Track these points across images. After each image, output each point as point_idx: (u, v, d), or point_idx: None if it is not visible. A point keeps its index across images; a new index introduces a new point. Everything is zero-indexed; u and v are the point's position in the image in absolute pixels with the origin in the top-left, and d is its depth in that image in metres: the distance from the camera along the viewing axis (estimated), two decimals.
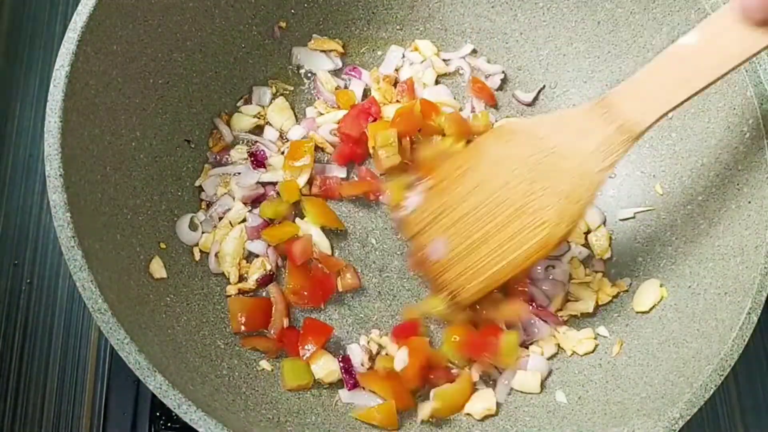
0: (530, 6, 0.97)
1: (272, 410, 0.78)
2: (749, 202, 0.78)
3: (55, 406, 0.93)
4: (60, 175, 0.68)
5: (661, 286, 0.86)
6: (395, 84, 0.99)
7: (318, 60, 0.99)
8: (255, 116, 0.96)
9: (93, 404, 0.93)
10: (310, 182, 0.93)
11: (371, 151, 0.94)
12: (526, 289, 0.88)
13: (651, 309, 0.85)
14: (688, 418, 0.69)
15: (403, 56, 1.01)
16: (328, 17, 0.99)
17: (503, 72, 1.01)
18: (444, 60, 1.02)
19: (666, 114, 0.72)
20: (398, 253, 0.92)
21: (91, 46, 0.74)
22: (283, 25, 0.97)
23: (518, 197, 0.78)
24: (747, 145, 0.80)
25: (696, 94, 0.70)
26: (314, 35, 0.99)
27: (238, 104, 0.97)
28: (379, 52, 1.02)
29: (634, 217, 0.93)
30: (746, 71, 0.79)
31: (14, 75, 1.07)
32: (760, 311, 0.72)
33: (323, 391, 0.84)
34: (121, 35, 0.78)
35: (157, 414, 0.89)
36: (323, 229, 0.91)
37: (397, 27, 1.01)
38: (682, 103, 0.71)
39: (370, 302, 0.90)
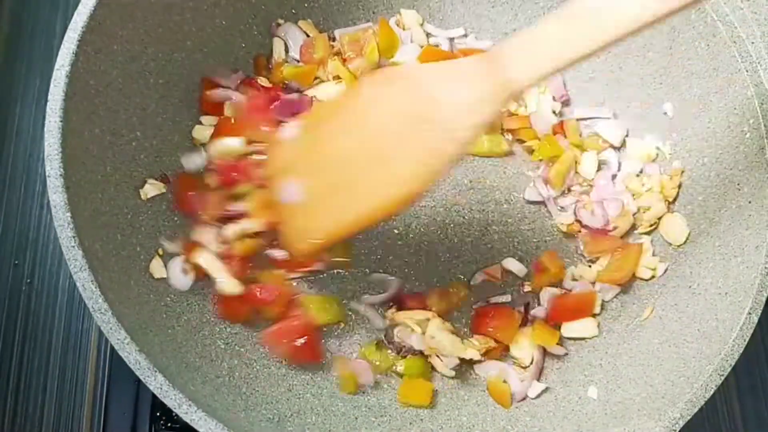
0: (530, 6, 0.97)
1: (272, 410, 0.78)
2: (749, 202, 0.78)
3: (56, 406, 0.93)
4: (60, 175, 0.68)
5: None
6: None
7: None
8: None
9: (93, 404, 0.93)
10: None
11: None
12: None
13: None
14: (689, 418, 0.69)
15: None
16: (328, 17, 0.99)
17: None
18: (427, 33, 1.00)
19: (549, 75, 0.65)
20: None
21: (92, 46, 0.74)
22: (283, 23, 0.97)
23: (384, 147, 0.72)
24: (747, 145, 0.80)
25: (587, 55, 0.64)
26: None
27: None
28: None
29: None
30: (747, 71, 0.79)
31: (14, 75, 1.07)
32: (760, 311, 0.72)
33: (323, 390, 0.84)
34: (122, 35, 0.78)
35: (158, 414, 0.89)
36: None
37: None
38: (572, 63, 0.64)
39: None
